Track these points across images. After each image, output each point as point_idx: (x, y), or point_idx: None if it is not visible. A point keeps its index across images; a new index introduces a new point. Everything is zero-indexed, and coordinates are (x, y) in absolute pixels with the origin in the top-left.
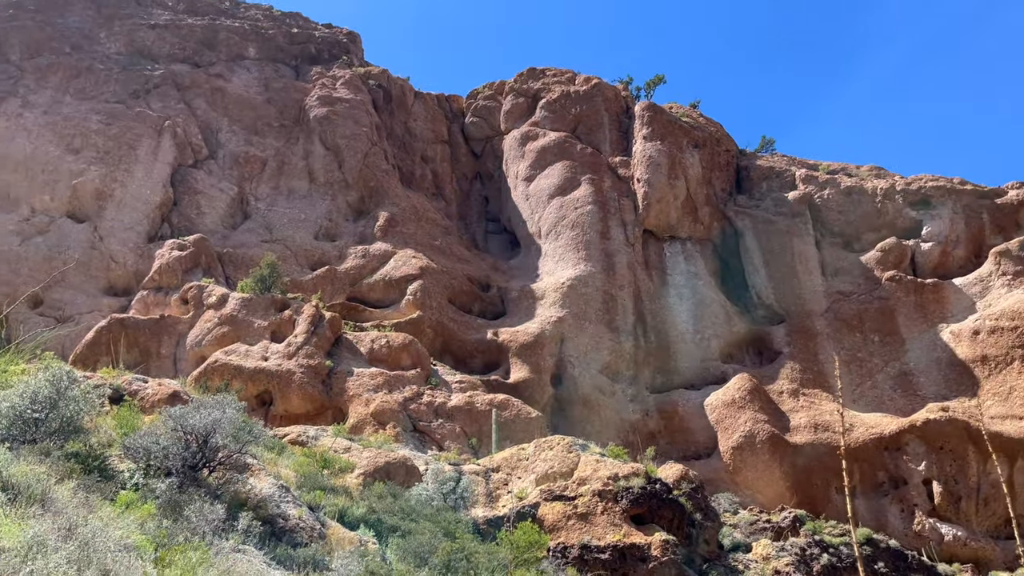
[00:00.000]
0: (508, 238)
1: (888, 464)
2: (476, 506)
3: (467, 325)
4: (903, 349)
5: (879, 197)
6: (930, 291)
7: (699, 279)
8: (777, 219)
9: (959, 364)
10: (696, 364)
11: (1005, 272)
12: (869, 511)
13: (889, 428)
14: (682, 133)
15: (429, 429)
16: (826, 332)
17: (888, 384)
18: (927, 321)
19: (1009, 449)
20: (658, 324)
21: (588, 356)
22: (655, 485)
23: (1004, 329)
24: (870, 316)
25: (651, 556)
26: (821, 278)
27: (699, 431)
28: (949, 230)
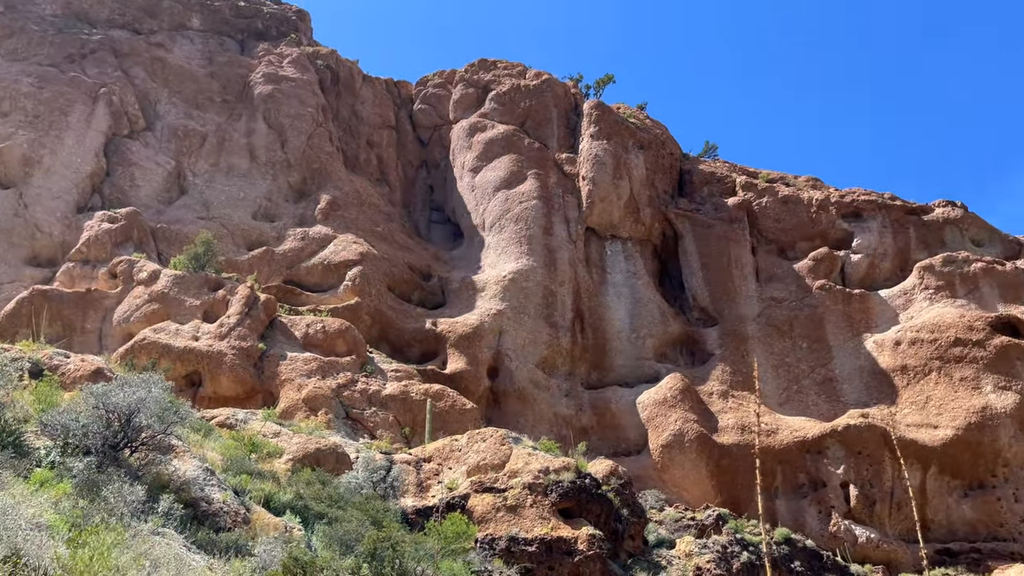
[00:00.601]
0: (451, 228)
1: (809, 467)
2: (406, 496)
3: (406, 314)
4: (829, 356)
5: (814, 208)
6: (857, 301)
7: (638, 279)
8: (716, 224)
9: (881, 373)
10: (631, 362)
11: (928, 286)
12: (789, 511)
13: (812, 432)
14: (628, 134)
15: (362, 417)
16: (757, 336)
17: (814, 389)
18: (853, 330)
19: (923, 456)
20: (596, 321)
21: (526, 350)
22: (585, 480)
23: (924, 341)
24: (800, 323)
25: (577, 550)
26: (755, 284)
27: (630, 428)
28: (878, 243)
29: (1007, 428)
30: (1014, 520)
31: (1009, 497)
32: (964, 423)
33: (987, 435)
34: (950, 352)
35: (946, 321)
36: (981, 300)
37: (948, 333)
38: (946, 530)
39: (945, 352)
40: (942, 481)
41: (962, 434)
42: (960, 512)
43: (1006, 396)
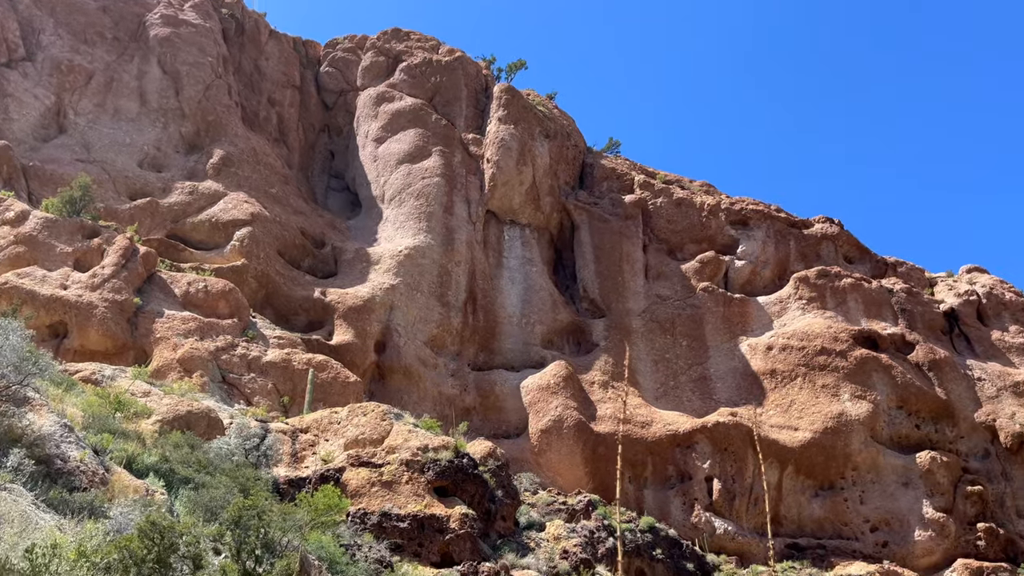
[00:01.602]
0: (350, 197)
1: (678, 460)
2: (280, 466)
3: (294, 280)
4: (706, 355)
5: (706, 212)
6: (737, 305)
7: (533, 265)
8: (612, 219)
9: (752, 375)
10: (519, 347)
11: (802, 297)
12: (656, 501)
13: (684, 427)
14: (536, 121)
15: (239, 382)
16: (641, 331)
17: (689, 386)
18: (730, 332)
19: (782, 456)
20: (488, 304)
21: (415, 327)
22: (462, 460)
23: (793, 348)
24: (682, 321)
25: (449, 528)
26: (644, 280)
27: (512, 411)
28: (761, 252)
29: (859, 434)
30: (858, 520)
31: (855, 499)
32: (822, 427)
33: (841, 440)
34: (815, 360)
35: (815, 331)
36: (847, 314)
37: (816, 342)
38: (796, 526)
39: (811, 360)
40: (797, 480)
41: (819, 437)
42: (810, 510)
43: (861, 405)
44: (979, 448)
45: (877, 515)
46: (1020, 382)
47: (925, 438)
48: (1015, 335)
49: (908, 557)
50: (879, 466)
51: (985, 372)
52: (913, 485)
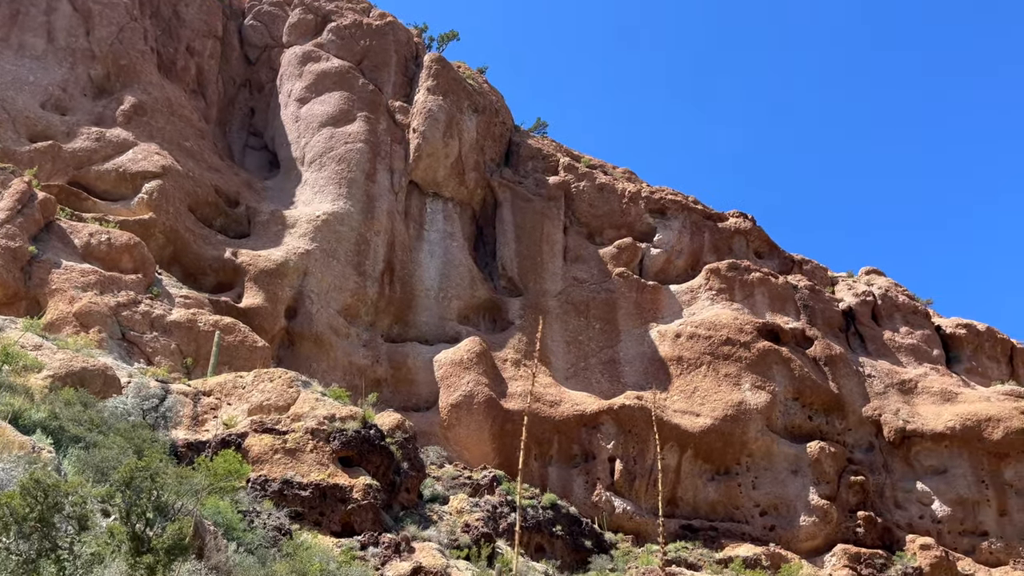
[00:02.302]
0: (268, 157)
1: (584, 440)
2: (179, 428)
3: (205, 239)
4: (617, 339)
5: (626, 199)
6: (650, 292)
7: (453, 240)
8: (535, 199)
9: (659, 360)
10: (434, 321)
11: (712, 288)
12: (559, 479)
13: (591, 408)
14: (465, 95)
15: (140, 341)
16: (556, 312)
17: (599, 368)
18: (642, 318)
19: (683, 440)
20: (406, 276)
21: (329, 295)
22: (369, 431)
23: (700, 336)
24: (596, 305)
25: (351, 498)
26: (562, 262)
27: (424, 385)
28: (676, 241)
29: (756, 423)
30: (749, 505)
31: (748, 484)
32: (722, 414)
33: (739, 427)
34: (720, 349)
35: (722, 321)
36: (753, 307)
37: (722, 332)
38: (691, 508)
39: (716, 349)
40: (696, 464)
41: (719, 424)
42: (706, 493)
43: (760, 395)
44: (864, 441)
45: (767, 500)
46: (906, 380)
47: (816, 429)
48: (904, 336)
49: (793, 541)
50: (772, 454)
51: (875, 369)
52: (802, 473)
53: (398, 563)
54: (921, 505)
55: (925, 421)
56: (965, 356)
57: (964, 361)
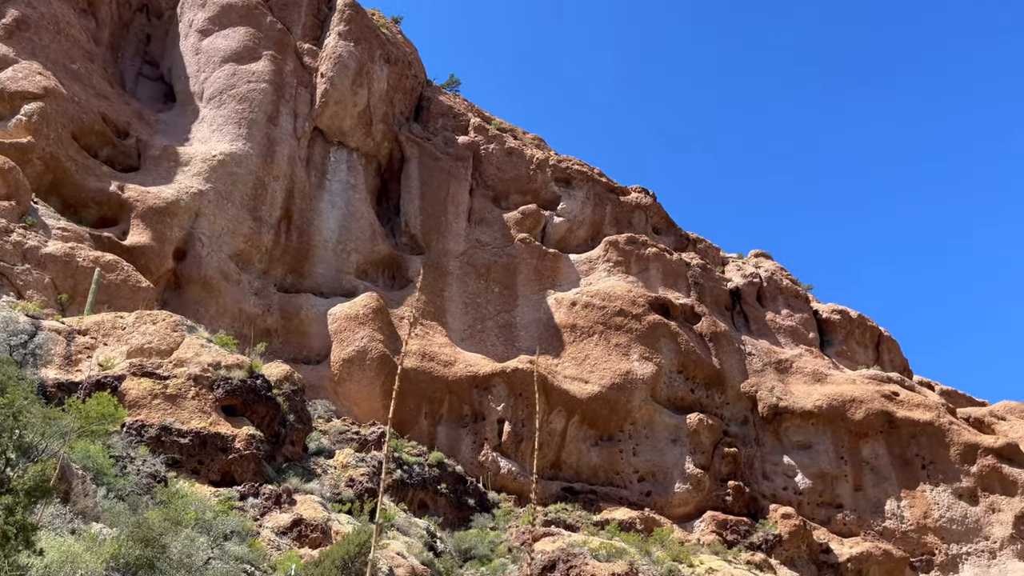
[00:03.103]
0: (164, 88)
1: (475, 400)
2: (50, 367)
3: (89, 170)
4: (515, 304)
5: (534, 166)
6: (550, 260)
7: (356, 192)
8: (443, 158)
9: (554, 327)
10: (331, 273)
11: (610, 259)
12: (448, 438)
13: (484, 369)
14: (378, 44)
15: (11, 272)
16: (457, 273)
17: (495, 331)
18: (540, 285)
19: (571, 406)
20: (304, 225)
21: (222, 239)
22: (256, 380)
23: (595, 306)
24: (497, 269)
25: (233, 448)
26: (466, 224)
27: (316, 337)
28: (579, 211)
29: (641, 392)
30: (628, 471)
31: (629, 451)
32: (610, 383)
33: (625, 396)
34: (613, 320)
35: (616, 293)
36: (648, 281)
37: (616, 303)
38: (574, 472)
39: (609, 319)
40: (581, 429)
41: (606, 392)
42: (589, 458)
43: (647, 366)
44: (740, 415)
45: (646, 467)
46: (783, 360)
47: (697, 402)
48: (785, 318)
49: (667, 506)
50: (654, 423)
51: (755, 348)
52: (680, 443)
53: (278, 515)
54: (786, 477)
55: (796, 399)
56: (837, 340)
57: (836, 345)
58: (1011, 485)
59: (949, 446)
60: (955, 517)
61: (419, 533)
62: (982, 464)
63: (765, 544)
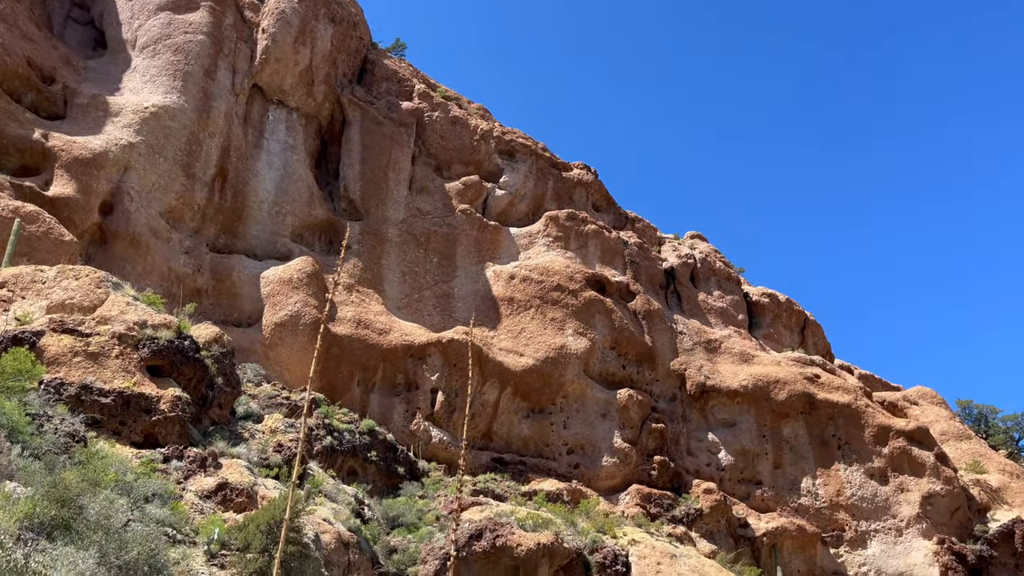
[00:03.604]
0: (94, 34)
1: (409, 370)
2: None
3: (11, 115)
4: (453, 275)
5: (478, 136)
6: (491, 232)
7: (295, 153)
8: (386, 123)
9: (492, 299)
10: (266, 235)
11: (550, 234)
12: (380, 406)
13: (420, 339)
14: (323, 1)
15: None
16: (395, 241)
17: (432, 301)
18: (480, 257)
19: (505, 378)
20: (240, 185)
21: (152, 194)
22: (184, 341)
23: (533, 280)
24: (437, 239)
25: (157, 409)
26: (407, 192)
27: (248, 300)
28: (521, 185)
29: (574, 367)
30: (558, 443)
31: (560, 424)
32: (544, 356)
33: (558, 370)
34: (550, 295)
35: (555, 268)
36: (586, 257)
37: (553, 278)
38: (505, 443)
39: (546, 294)
40: (514, 401)
41: (540, 365)
42: (520, 429)
43: (581, 341)
44: (669, 392)
45: (575, 440)
46: (712, 340)
47: (628, 378)
48: (716, 299)
49: (594, 479)
50: (586, 397)
51: (687, 327)
52: (610, 417)
53: (202, 478)
54: (710, 454)
55: (723, 379)
56: (765, 323)
57: (764, 327)
58: (919, 466)
59: (864, 428)
60: (866, 495)
61: (347, 500)
62: (893, 446)
63: (687, 517)
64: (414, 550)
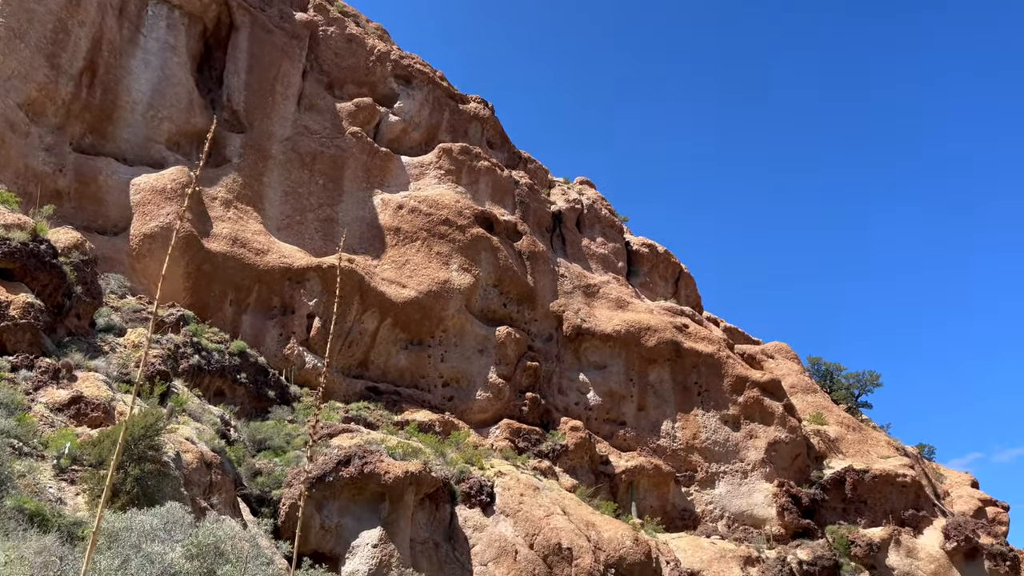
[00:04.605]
0: None
1: (286, 293)
2: None
3: None
4: (340, 199)
5: (374, 58)
6: (381, 158)
7: (175, 55)
8: (277, 32)
9: (378, 228)
10: (139, 140)
11: (442, 167)
12: (253, 328)
13: (300, 262)
14: None
15: None
16: (279, 158)
17: (315, 225)
18: (368, 183)
19: (385, 308)
20: (111, 82)
21: (11, 83)
22: (40, 245)
23: (421, 212)
24: (324, 160)
25: (7, 315)
26: (295, 107)
27: (115, 207)
28: (416, 112)
29: (456, 302)
30: (434, 375)
31: (437, 357)
32: (426, 289)
33: (440, 303)
34: (437, 228)
35: (444, 201)
36: (476, 193)
37: (442, 212)
38: (381, 372)
39: (434, 227)
40: (393, 332)
41: (422, 298)
42: (397, 360)
43: (465, 277)
44: (546, 332)
45: (451, 373)
46: (591, 285)
47: (507, 316)
48: (599, 246)
49: (467, 412)
50: (465, 332)
51: (568, 271)
52: (487, 353)
53: (54, 390)
54: (579, 393)
55: (598, 322)
56: (643, 272)
57: (641, 276)
58: (769, 416)
59: (724, 377)
60: (719, 440)
61: (212, 420)
62: (748, 395)
63: (552, 453)
64: (280, 473)
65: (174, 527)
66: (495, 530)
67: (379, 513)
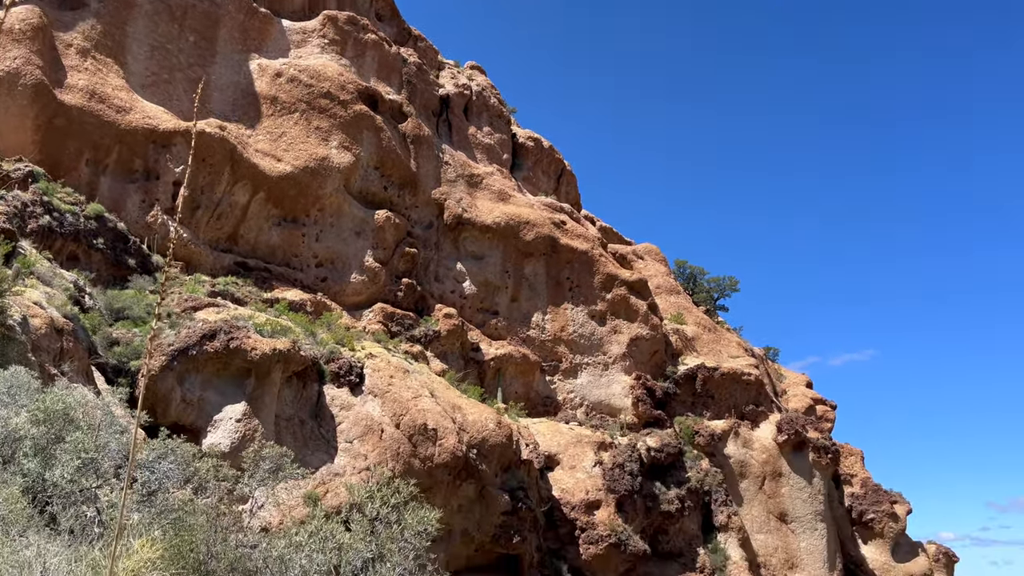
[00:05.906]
0: None
1: (150, 157)
2: None
3: None
4: (213, 61)
5: None
6: (260, 20)
7: None
8: None
9: (253, 95)
10: None
11: (326, 36)
12: (112, 192)
13: (166, 125)
14: None
15: None
16: (146, 7)
17: (184, 86)
18: (245, 46)
19: (258, 181)
20: None
21: None
22: None
23: (302, 83)
24: (196, 15)
25: None
26: None
27: None
28: None
29: (334, 181)
30: (308, 255)
31: (312, 236)
32: (303, 165)
33: (317, 181)
34: (318, 102)
35: (327, 74)
36: (361, 68)
37: (324, 84)
38: (251, 248)
39: (314, 100)
40: (266, 207)
41: (298, 174)
42: (268, 236)
43: (345, 155)
44: (426, 219)
45: (326, 254)
46: (475, 175)
47: (388, 200)
48: (486, 135)
49: (340, 294)
50: (343, 213)
51: (453, 159)
52: (365, 236)
53: None
54: (456, 282)
55: (479, 213)
56: (527, 166)
57: (525, 170)
58: (633, 313)
59: (594, 275)
60: (585, 334)
61: (64, 286)
62: (616, 293)
63: (424, 338)
64: (138, 344)
65: (19, 391)
66: (362, 409)
67: (244, 389)
